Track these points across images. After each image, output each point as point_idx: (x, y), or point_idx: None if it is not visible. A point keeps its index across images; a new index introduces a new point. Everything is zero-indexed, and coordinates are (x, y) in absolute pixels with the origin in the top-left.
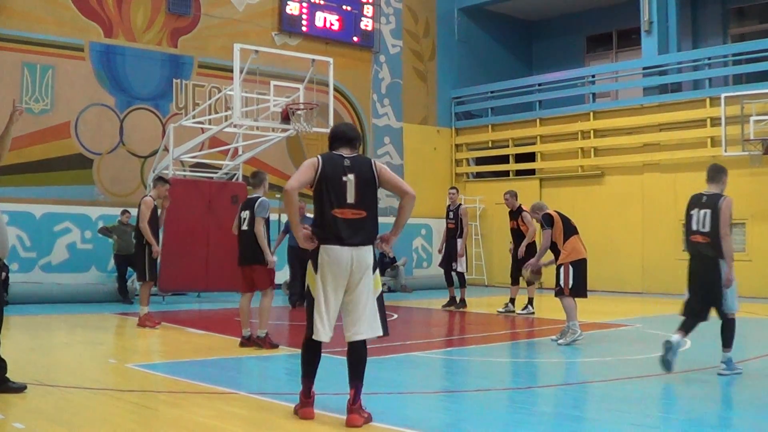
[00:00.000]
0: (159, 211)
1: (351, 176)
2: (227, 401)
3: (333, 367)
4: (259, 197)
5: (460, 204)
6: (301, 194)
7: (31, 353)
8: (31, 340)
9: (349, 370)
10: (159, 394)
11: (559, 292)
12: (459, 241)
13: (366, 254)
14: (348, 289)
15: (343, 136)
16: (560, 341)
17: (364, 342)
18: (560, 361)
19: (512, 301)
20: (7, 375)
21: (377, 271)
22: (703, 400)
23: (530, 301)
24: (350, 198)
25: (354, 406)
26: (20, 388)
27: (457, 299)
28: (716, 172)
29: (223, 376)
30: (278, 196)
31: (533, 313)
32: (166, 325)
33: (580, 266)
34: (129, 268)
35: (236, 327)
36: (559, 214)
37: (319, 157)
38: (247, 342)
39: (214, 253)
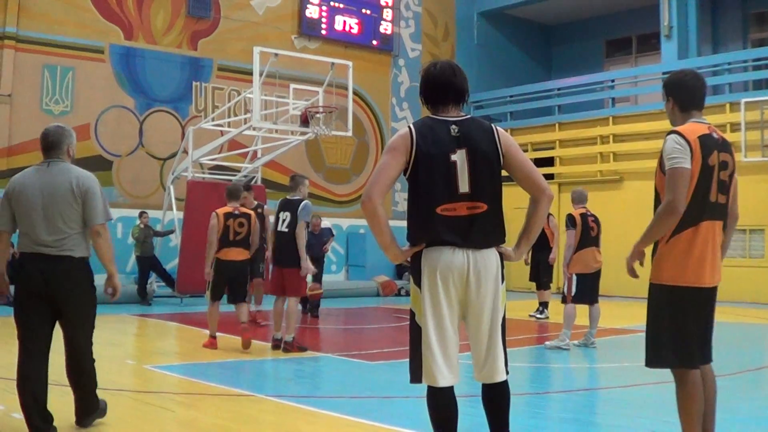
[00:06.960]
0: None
1: (462, 152)
2: (244, 404)
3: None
4: (302, 200)
5: None
6: (314, 196)
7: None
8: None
9: (489, 419)
10: (176, 395)
11: (563, 299)
12: None
13: (489, 258)
14: (468, 307)
15: (444, 85)
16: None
17: (506, 381)
18: (576, 366)
19: (545, 305)
20: None
21: (504, 282)
22: (720, 407)
23: (545, 305)
24: (463, 186)
25: None
26: None
27: None
28: None
29: (239, 378)
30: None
31: (548, 317)
32: (184, 327)
33: (586, 277)
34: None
35: (254, 329)
36: (584, 218)
37: (411, 127)
38: (279, 343)
39: None
